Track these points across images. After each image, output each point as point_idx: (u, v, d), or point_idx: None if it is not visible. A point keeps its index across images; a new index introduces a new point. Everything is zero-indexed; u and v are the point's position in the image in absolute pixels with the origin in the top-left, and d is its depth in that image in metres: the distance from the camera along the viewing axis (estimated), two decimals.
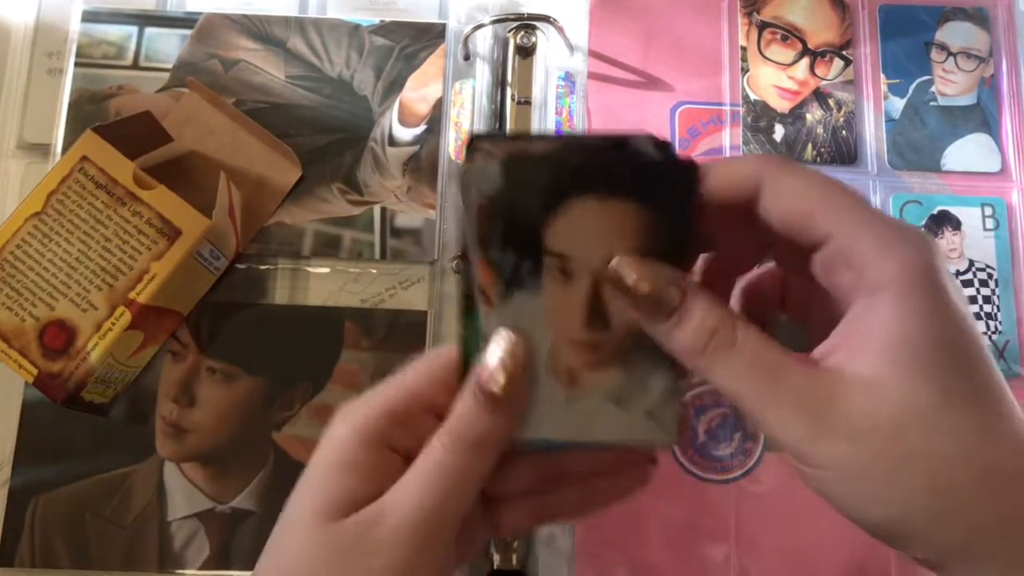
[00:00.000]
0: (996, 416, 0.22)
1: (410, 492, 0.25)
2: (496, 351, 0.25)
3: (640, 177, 0.24)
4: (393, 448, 0.26)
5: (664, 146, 0.24)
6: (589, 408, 0.25)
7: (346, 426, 0.27)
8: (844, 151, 0.49)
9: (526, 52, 0.50)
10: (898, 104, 0.50)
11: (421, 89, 0.49)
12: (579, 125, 0.49)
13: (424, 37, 0.50)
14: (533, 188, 0.24)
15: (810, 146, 0.49)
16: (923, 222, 0.48)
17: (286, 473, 0.44)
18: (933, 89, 0.50)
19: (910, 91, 0.50)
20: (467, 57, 0.50)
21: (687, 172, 0.24)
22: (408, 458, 0.26)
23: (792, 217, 0.24)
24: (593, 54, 0.50)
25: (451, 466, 0.25)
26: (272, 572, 0.26)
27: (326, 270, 0.47)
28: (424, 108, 0.49)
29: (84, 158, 0.42)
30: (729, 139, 0.49)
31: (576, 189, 0.24)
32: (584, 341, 0.25)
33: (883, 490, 0.22)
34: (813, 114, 0.50)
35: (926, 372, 0.22)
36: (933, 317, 0.22)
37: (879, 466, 0.22)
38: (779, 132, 0.49)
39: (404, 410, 0.27)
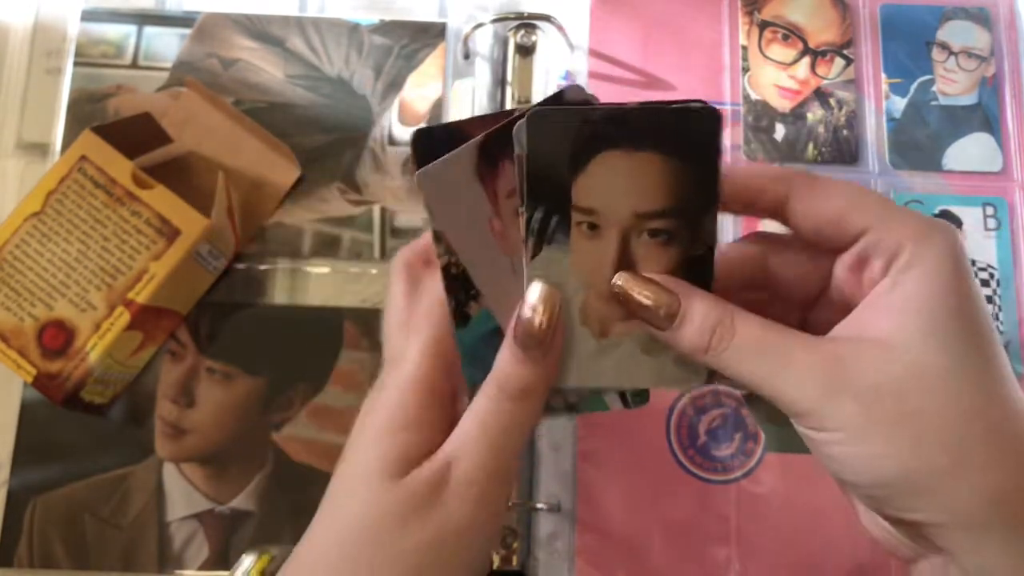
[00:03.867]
0: (1002, 384, 0.23)
1: (467, 448, 0.26)
2: (531, 302, 0.25)
3: (660, 128, 0.25)
4: (443, 396, 0.28)
5: (687, 102, 0.25)
6: (621, 356, 0.26)
7: (395, 384, 0.27)
8: (845, 150, 0.49)
9: (526, 51, 0.50)
10: (899, 103, 0.50)
11: (421, 88, 0.49)
12: None
13: (424, 36, 0.50)
14: (559, 145, 0.25)
15: (811, 145, 0.49)
16: None
17: (285, 474, 0.44)
18: (934, 88, 0.50)
19: (911, 90, 0.50)
20: (467, 56, 0.50)
21: (706, 119, 0.25)
22: (454, 402, 0.27)
23: (827, 218, 0.25)
24: (593, 53, 0.50)
25: (499, 418, 0.26)
26: (334, 533, 0.26)
27: (326, 270, 0.47)
28: (424, 107, 0.49)
29: (83, 158, 0.42)
30: (730, 138, 0.49)
31: (599, 143, 0.25)
32: (613, 293, 0.26)
33: (889, 447, 0.23)
34: (814, 113, 0.49)
35: (941, 337, 0.23)
36: (954, 293, 0.23)
37: (887, 422, 0.23)
38: (780, 131, 0.49)
39: (447, 357, 0.28)
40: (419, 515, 0.25)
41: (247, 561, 0.32)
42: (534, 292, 0.25)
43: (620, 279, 0.25)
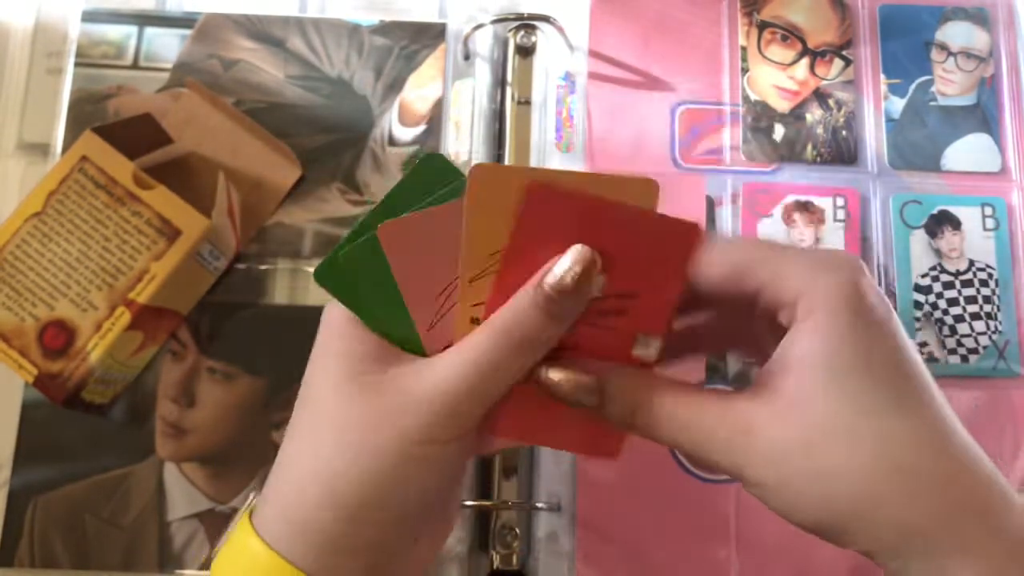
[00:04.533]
0: (917, 421, 0.24)
1: (450, 367, 0.26)
2: (569, 259, 0.25)
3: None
4: None
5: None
6: None
7: None
8: (844, 151, 0.49)
9: (526, 52, 0.50)
10: (898, 104, 0.50)
11: (421, 89, 0.49)
12: (579, 125, 0.49)
13: (424, 37, 0.50)
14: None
15: (810, 146, 0.49)
16: (923, 222, 0.48)
17: None
18: (933, 89, 0.50)
19: (910, 91, 0.50)
20: (467, 57, 0.50)
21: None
22: None
23: (722, 280, 0.26)
24: (593, 54, 0.50)
25: (492, 357, 0.26)
26: (307, 431, 0.27)
27: None
28: (424, 108, 0.49)
29: (84, 158, 0.42)
30: (729, 139, 0.49)
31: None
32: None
33: (806, 501, 0.24)
34: (813, 114, 0.50)
35: (840, 390, 0.24)
36: (853, 334, 0.24)
37: (798, 482, 0.24)
38: (779, 132, 0.49)
39: None
40: (385, 413, 0.26)
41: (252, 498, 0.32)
42: (573, 252, 0.25)
43: (543, 371, 0.27)
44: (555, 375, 0.27)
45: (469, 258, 0.26)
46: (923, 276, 0.47)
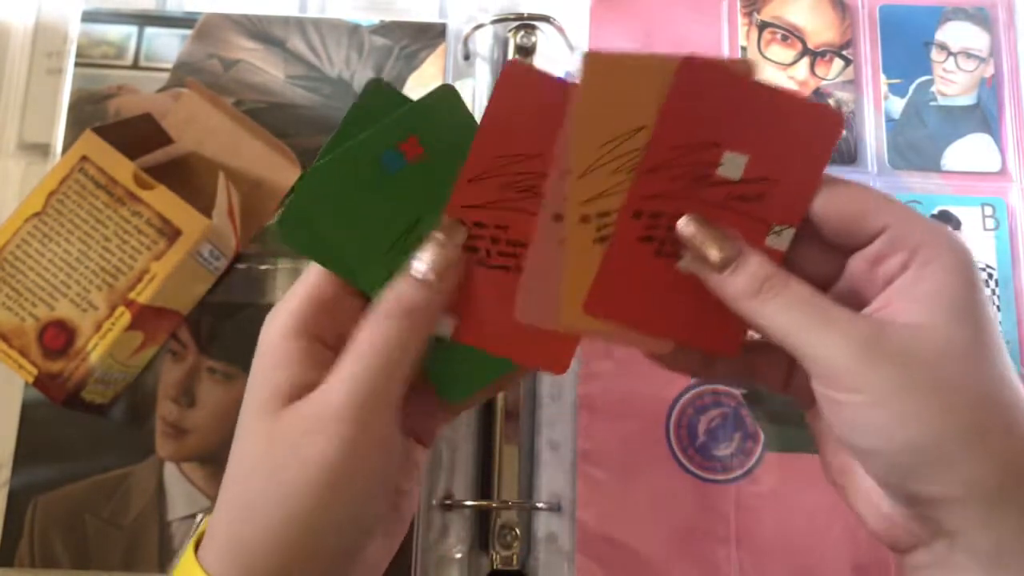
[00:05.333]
0: (1008, 368, 0.25)
1: (346, 368, 0.26)
2: (438, 235, 0.27)
3: None
4: (324, 339, 0.28)
5: None
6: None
7: (274, 323, 0.28)
8: (844, 151, 0.49)
9: (526, 52, 0.50)
10: (898, 104, 0.50)
11: (421, 89, 0.49)
12: None
13: (424, 37, 0.50)
14: None
15: None
16: None
17: None
18: (933, 89, 0.50)
19: (910, 91, 0.50)
20: (467, 57, 0.50)
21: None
22: (340, 348, 0.27)
23: (849, 216, 0.27)
24: None
25: (383, 337, 0.26)
26: (231, 475, 0.27)
27: None
28: None
29: (84, 158, 0.42)
30: None
31: None
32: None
33: (921, 409, 0.24)
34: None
35: (963, 323, 0.25)
36: (971, 287, 0.25)
37: (920, 387, 0.24)
38: None
39: (329, 296, 0.28)
40: (294, 440, 0.26)
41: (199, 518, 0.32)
42: (441, 227, 0.27)
43: (684, 222, 0.27)
44: (697, 226, 0.27)
45: (580, 149, 0.26)
46: None
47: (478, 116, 0.27)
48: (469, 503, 0.44)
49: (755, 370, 0.31)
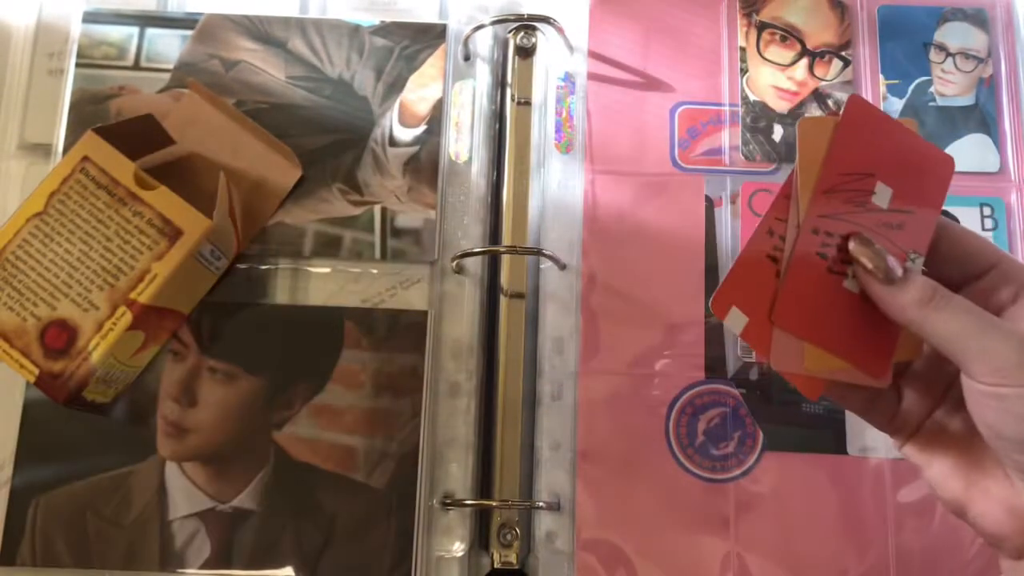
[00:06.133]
0: None
1: None
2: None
3: None
4: None
5: None
6: None
7: None
8: None
9: (526, 53, 0.50)
10: (897, 104, 0.50)
11: (421, 90, 0.49)
12: (579, 125, 0.50)
13: (424, 38, 0.50)
14: None
15: None
16: None
17: (286, 473, 0.44)
18: (932, 90, 0.50)
19: (909, 92, 0.50)
20: (467, 58, 0.51)
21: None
22: None
23: (972, 251, 0.32)
24: (593, 55, 0.51)
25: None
26: None
27: (326, 270, 0.47)
28: (424, 109, 0.49)
29: (85, 158, 0.42)
30: (728, 139, 0.49)
31: None
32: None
33: None
34: (812, 114, 0.50)
35: None
36: None
37: None
38: (778, 132, 0.49)
39: None
40: None
41: None
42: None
43: (856, 243, 0.31)
44: (869, 247, 0.31)
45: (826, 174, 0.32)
46: None
47: (478, 116, 0.28)
48: (469, 502, 0.44)
49: (876, 404, 0.34)
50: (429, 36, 0.50)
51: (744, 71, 0.50)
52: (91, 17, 0.50)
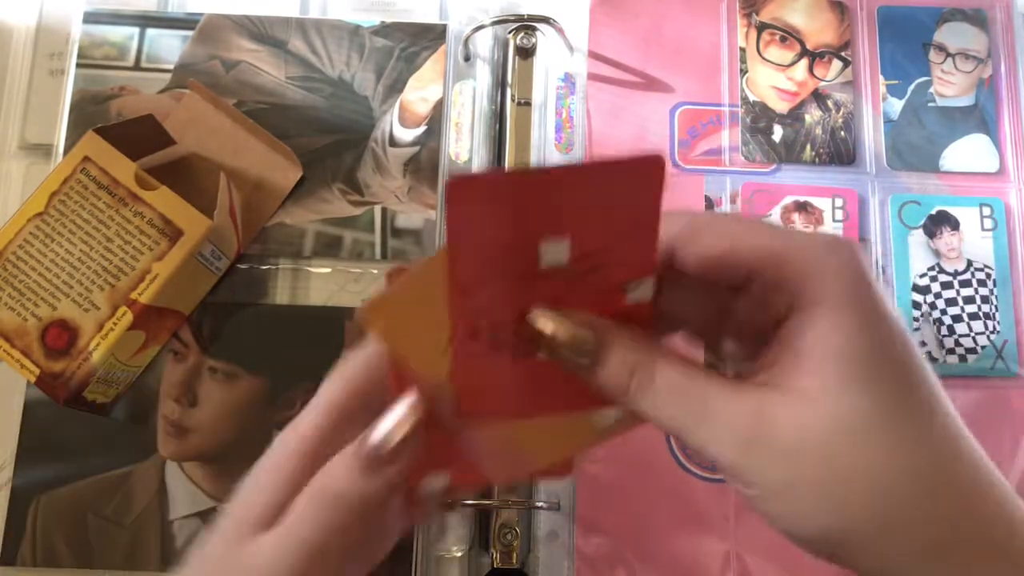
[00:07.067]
0: (930, 426, 0.22)
1: (277, 549, 0.25)
2: (391, 419, 0.24)
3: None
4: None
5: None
6: None
7: (283, 439, 0.27)
8: (843, 152, 0.49)
9: (526, 53, 0.50)
10: (897, 105, 0.50)
11: (421, 90, 0.49)
12: (579, 126, 0.50)
13: (424, 38, 0.50)
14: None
15: (808, 147, 0.49)
16: (921, 222, 0.48)
17: None
18: (932, 90, 0.50)
19: (909, 92, 0.50)
20: (467, 58, 0.51)
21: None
22: None
23: (712, 259, 0.23)
24: (593, 55, 0.51)
25: (319, 536, 0.25)
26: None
27: (327, 270, 0.47)
28: (424, 109, 0.49)
29: (86, 159, 0.42)
30: (728, 140, 0.49)
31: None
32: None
33: (817, 505, 0.22)
34: (812, 115, 0.50)
35: (859, 386, 0.21)
36: (866, 329, 0.22)
37: (813, 482, 0.22)
38: (778, 133, 0.49)
39: (356, 407, 0.26)
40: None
41: None
42: (395, 411, 0.24)
43: (534, 315, 0.23)
44: (549, 324, 0.23)
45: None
46: (921, 276, 0.47)
47: (478, 116, 0.26)
48: (469, 502, 0.44)
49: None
50: (429, 36, 0.50)
51: (744, 71, 0.51)
52: (91, 17, 0.50)
